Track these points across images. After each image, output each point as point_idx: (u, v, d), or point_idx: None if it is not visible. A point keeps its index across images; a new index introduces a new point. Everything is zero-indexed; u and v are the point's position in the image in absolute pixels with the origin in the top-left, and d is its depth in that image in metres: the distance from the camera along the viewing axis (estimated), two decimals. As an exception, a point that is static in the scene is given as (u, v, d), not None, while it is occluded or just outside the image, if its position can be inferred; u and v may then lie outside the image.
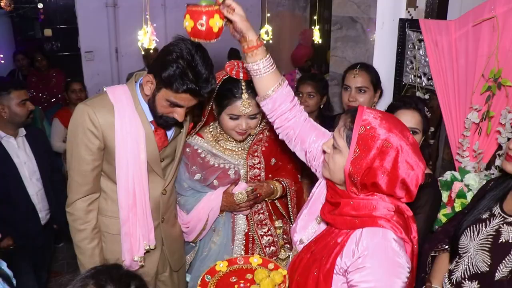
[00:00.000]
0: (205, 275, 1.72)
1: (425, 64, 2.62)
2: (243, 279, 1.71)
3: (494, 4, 2.14)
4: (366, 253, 1.35)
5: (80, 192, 1.96)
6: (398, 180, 1.36)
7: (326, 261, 1.44)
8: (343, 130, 1.44)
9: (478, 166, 2.24)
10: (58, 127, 4.55)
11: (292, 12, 7.24)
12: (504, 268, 1.55)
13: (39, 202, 3.08)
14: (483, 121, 2.21)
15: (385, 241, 1.36)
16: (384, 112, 1.49)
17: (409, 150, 1.36)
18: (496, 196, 1.74)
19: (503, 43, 2.11)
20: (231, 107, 2.04)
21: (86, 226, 1.98)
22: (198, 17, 1.60)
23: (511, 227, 1.60)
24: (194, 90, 1.76)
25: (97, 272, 1.14)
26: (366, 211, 1.40)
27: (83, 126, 1.87)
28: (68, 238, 2.05)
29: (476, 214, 1.75)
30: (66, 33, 6.38)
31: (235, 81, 2.03)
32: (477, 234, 1.70)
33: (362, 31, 3.06)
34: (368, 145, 1.36)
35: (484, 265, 1.62)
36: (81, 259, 2.03)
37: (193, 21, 1.60)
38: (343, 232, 1.45)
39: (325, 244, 1.49)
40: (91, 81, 6.33)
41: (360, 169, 1.37)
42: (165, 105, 1.83)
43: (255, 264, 1.78)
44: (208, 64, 1.79)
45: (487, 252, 1.62)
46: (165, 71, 1.74)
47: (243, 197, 2.11)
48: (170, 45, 1.79)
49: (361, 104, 2.51)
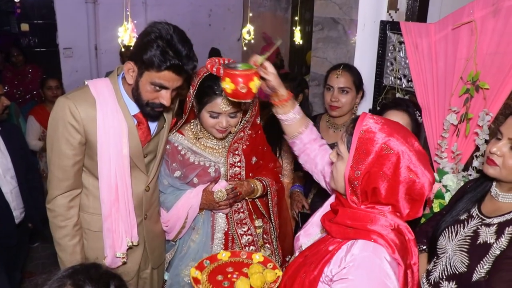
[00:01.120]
0: (205, 259, 1.79)
1: (405, 66, 2.64)
2: (238, 271, 1.74)
3: (472, 9, 2.17)
4: (352, 264, 1.31)
5: (61, 188, 1.92)
6: (399, 187, 1.32)
7: (314, 267, 1.41)
8: (344, 136, 1.43)
9: (456, 167, 2.27)
10: (34, 124, 4.47)
11: (274, 13, 7.27)
12: (481, 269, 1.56)
13: (13, 201, 2.99)
14: (461, 123, 2.23)
15: (375, 257, 1.30)
16: (388, 119, 1.46)
17: (413, 156, 1.31)
18: (474, 198, 1.76)
19: (481, 47, 2.14)
20: (211, 104, 2.02)
21: (67, 223, 1.95)
22: (239, 81, 1.69)
23: (488, 228, 1.61)
24: (177, 66, 1.74)
25: (75, 272, 1.11)
26: (362, 222, 1.36)
27: (64, 119, 1.83)
28: (43, 238, 2.01)
29: (454, 215, 1.76)
30: (43, 28, 6.28)
31: (215, 78, 2.02)
32: (455, 235, 1.71)
33: (344, 32, 3.08)
34: (367, 149, 1.33)
35: (462, 265, 1.63)
36: (61, 256, 1.99)
37: (234, 84, 1.70)
38: (337, 241, 1.42)
39: (318, 251, 1.47)
40: (70, 78, 6.25)
41: (360, 175, 1.34)
42: (149, 90, 1.81)
43: (256, 260, 1.80)
44: (187, 42, 1.79)
45: (465, 253, 1.64)
46: (145, 53, 1.73)
47: (222, 195, 2.10)
48: (147, 29, 1.78)
49: (343, 105, 2.54)
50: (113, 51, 6.29)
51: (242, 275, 1.70)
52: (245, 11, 7.45)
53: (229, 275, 1.71)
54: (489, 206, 1.69)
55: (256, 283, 1.60)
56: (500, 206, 1.65)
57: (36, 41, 6.29)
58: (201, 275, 1.70)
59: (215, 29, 7.34)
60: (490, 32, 2.09)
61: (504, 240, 1.55)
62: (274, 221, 2.34)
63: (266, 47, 5.89)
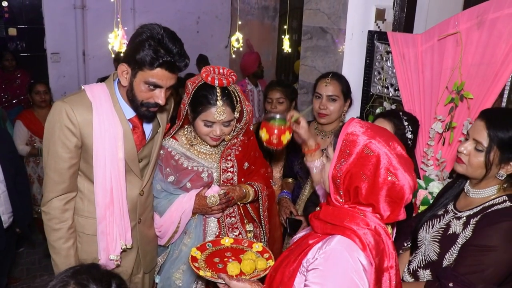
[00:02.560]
0: (208, 243, 1.93)
1: (392, 75, 2.70)
2: (235, 256, 1.84)
3: (458, 21, 2.23)
4: (323, 256, 1.37)
5: (56, 191, 1.93)
6: (378, 187, 1.36)
7: (294, 259, 1.47)
8: (332, 138, 1.50)
9: (441, 174, 2.33)
10: (21, 129, 4.45)
11: (261, 21, 7.33)
12: (450, 257, 1.72)
13: (2, 205, 2.97)
14: (446, 131, 2.30)
15: (344, 251, 1.34)
16: (373, 124, 1.53)
17: (394, 159, 1.35)
18: (451, 195, 1.91)
19: (466, 57, 2.20)
20: (205, 113, 2.05)
21: (61, 226, 1.96)
22: (274, 133, 2.12)
23: (459, 221, 1.76)
24: (169, 63, 1.78)
25: (77, 272, 1.12)
26: (340, 219, 1.41)
27: (61, 123, 1.85)
28: (29, 243, 1.99)
29: (434, 210, 1.92)
30: (31, 33, 6.24)
31: (210, 88, 2.05)
32: (431, 227, 1.86)
33: (332, 42, 3.14)
34: (350, 150, 1.39)
35: (434, 254, 1.78)
36: (55, 259, 2.00)
37: (269, 135, 2.13)
38: (317, 235, 1.48)
39: (300, 244, 1.53)
40: (57, 83, 6.23)
41: (341, 174, 1.40)
42: (144, 90, 1.84)
43: (255, 249, 1.90)
44: (178, 41, 1.83)
45: (437, 243, 1.79)
46: (138, 53, 1.76)
47: (215, 200, 2.13)
48: (138, 30, 1.82)
49: (331, 112, 2.59)
50: (101, 57, 6.29)
51: (237, 260, 1.78)
52: (233, 19, 7.50)
53: (225, 258, 1.81)
54: (463, 202, 1.84)
55: (245, 269, 1.70)
56: (471, 201, 1.79)
57: (24, 46, 6.26)
58: (200, 254, 1.81)
59: (203, 36, 7.38)
60: (475, 43, 2.17)
61: (469, 229, 1.70)
62: (264, 226, 2.37)
63: (249, 54, 5.93)
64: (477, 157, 1.71)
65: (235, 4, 7.19)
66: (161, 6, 6.85)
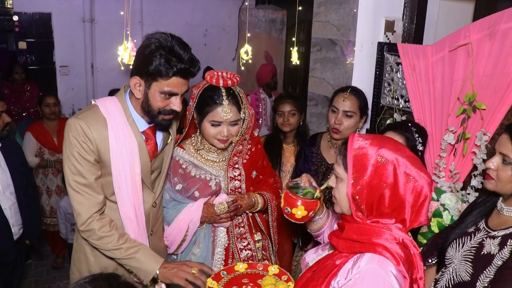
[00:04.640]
0: (222, 271, 1.88)
1: (403, 87, 2.70)
2: (253, 282, 1.80)
3: (469, 31, 2.23)
4: (358, 276, 1.33)
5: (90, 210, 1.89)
6: (400, 193, 1.36)
7: (322, 281, 1.43)
8: (339, 158, 1.48)
9: (454, 186, 2.31)
10: (31, 141, 4.48)
11: (269, 34, 7.36)
12: (484, 278, 1.64)
13: (12, 217, 2.99)
14: (459, 142, 2.28)
15: (380, 269, 1.32)
16: (374, 134, 1.54)
17: (407, 162, 1.36)
18: (482, 212, 1.84)
19: (477, 68, 2.20)
20: (212, 113, 2.06)
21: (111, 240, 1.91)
22: (298, 206, 1.69)
23: (493, 240, 1.68)
24: (184, 70, 1.78)
25: (95, 279, 1.12)
26: (367, 236, 1.39)
27: (78, 139, 1.83)
28: (37, 255, 1.97)
29: (463, 228, 1.85)
30: (41, 46, 6.31)
31: (215, 88, 2.07)
32: (462, 246, 1.79)
33: (341, 53, 3.14)
34: (363, 164, 1.38)
35: (466, 275, 1.70)
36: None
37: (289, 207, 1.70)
38: (344, 255, 1.45)
39: (325, 266, 1.50)
40: (66, 95, 6.29)
41: (361, 189, 1.38)
42: (159, 99, 1.83)
43: (271, 272, 1.86)
44: (187, 47, 1.83)
45: (470, 263, 1.71)
46: (150, 64, 1.76)
47: (223, 208, 2.12)
48: (145, 41, 1.82)
49: (345, 128, 2.56)
50: (109, 69, 6.35)
51: (256, 286, 1.76)
52: (241, 32, 7.55)
53: (243, 286, 1.78)
54: (496, 220, 1.77)
55: None
56: (505, 219, 1.73)
57: (33, 59, 6.32)
58: (217, 285, 1.76)
59: (210, 48, 7.43)
60: (486, 54, 2.16)
61: (506, 251, 1.62)
62: (273, 236, 2.35)
63: (265, 66, 5.98)
64: (505, 170, 1.68)
65: (243, 17, 7.25)
66: (168, 19, 6.91)
